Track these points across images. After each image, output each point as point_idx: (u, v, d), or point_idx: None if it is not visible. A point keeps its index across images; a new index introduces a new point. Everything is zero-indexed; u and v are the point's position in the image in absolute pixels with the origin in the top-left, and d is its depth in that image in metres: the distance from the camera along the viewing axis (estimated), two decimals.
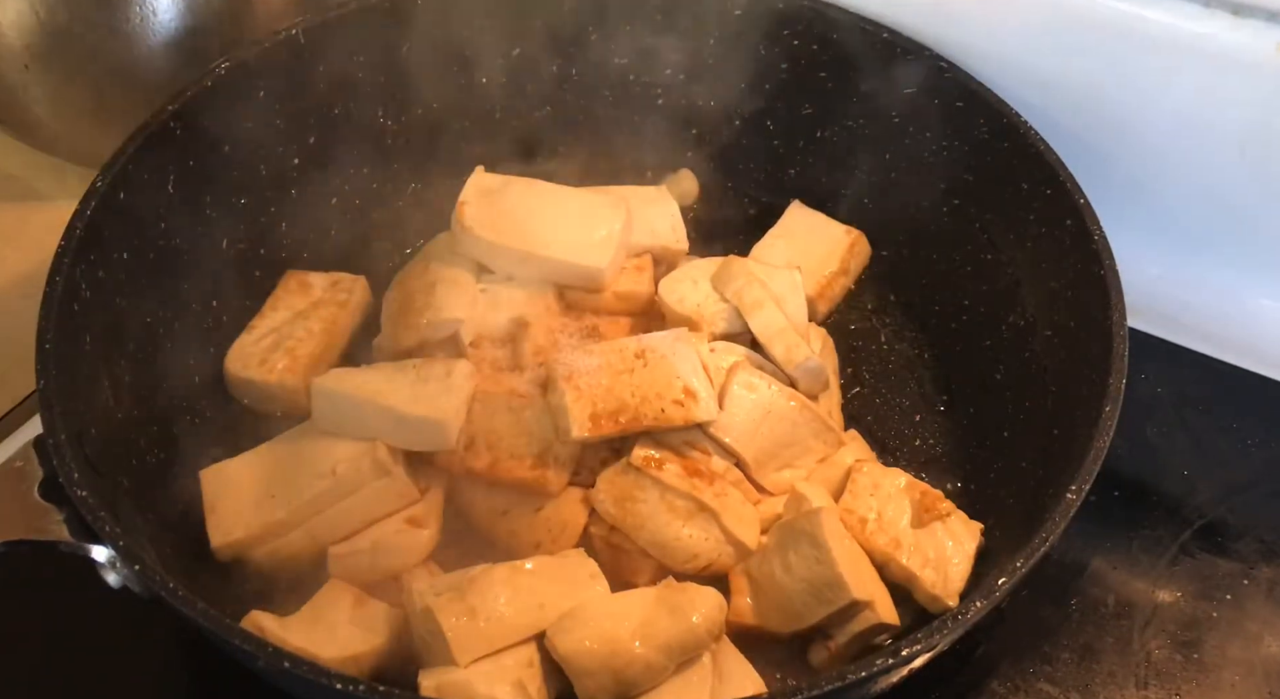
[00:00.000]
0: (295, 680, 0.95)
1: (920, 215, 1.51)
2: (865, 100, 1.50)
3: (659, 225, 1.46)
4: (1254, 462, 1.44)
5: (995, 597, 1.02)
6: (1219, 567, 1.34)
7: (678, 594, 1.12)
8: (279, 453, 1.25)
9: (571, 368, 1.23)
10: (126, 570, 1.01)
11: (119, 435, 1.18)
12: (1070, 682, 1.25)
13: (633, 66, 1.57)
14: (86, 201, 1.20)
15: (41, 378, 1.08)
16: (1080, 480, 1.09)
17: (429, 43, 1.48)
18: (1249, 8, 1.33)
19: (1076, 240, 1.28)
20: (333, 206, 1.51)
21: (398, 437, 1.22)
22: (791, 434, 1.28)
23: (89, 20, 1.47)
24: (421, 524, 1.23)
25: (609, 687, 1.09)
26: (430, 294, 1.34)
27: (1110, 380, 1.15)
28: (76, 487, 1.02)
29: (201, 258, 1.35)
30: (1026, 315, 1.37)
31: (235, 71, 1.34)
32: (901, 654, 0.98)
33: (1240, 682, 1.26)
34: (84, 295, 1.16)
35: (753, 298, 1.33)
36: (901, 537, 1.23)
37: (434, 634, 1.09)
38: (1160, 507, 1.39)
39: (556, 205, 1.37)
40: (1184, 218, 1.51)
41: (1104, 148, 1.47)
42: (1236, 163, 1.42)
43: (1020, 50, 1.44)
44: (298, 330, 1.36)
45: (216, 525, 1.21)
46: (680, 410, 1.22)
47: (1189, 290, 1.54)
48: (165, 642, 1.23)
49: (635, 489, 1.21)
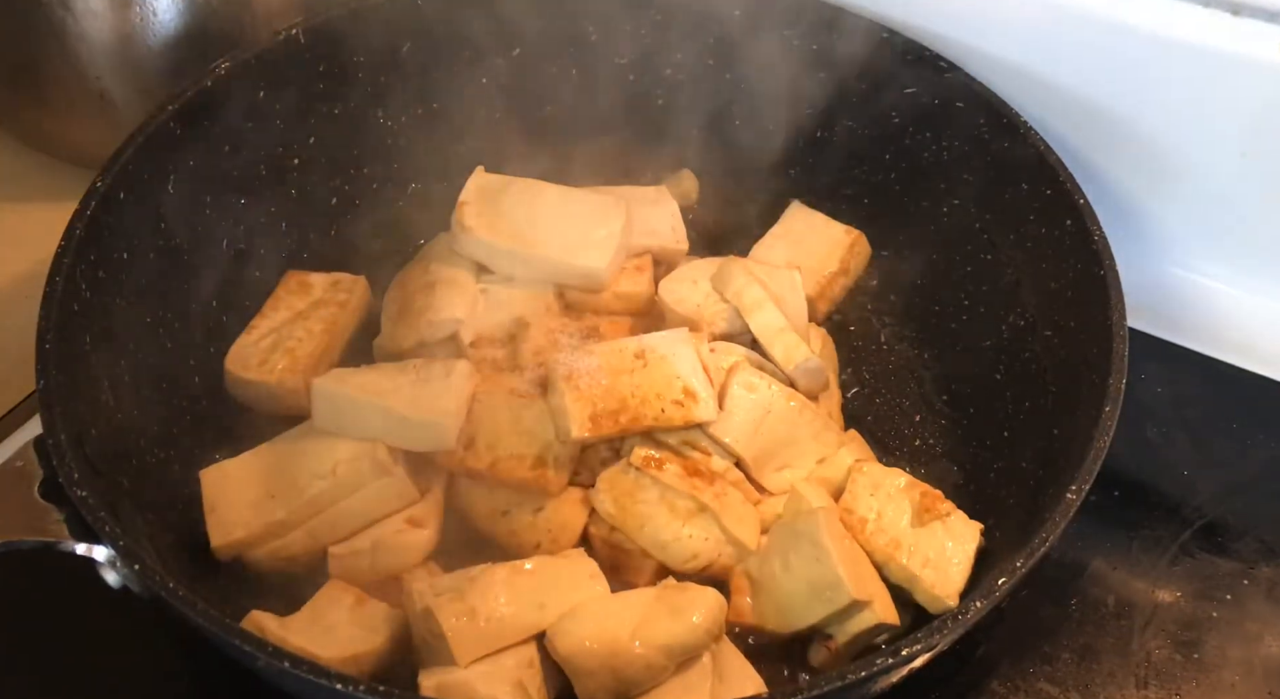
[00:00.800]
0: (295, 680, 0.95)
1: (920, 215, 1.51)
2: (865, 100, 1.50)
3: (659, 225, 1.46)
4: (1254, 462, 1.44)
5: (995, 597, 1.03)
6: (1219, 567, 1.34)
7: (678, 594, 1.12)
8: (279, 453, 1.25)
9: (571, 368, 1.23)
10: (126, 570, 1.01)
11: (119, 435, 1.18)
12: (1070, 682, 1.25)
13: (633, 66, 1.57)
14: (86, 201, 1.19)
15: (41, 378, 1.08)
16: (1080, 480, 1.09)
17: (429, 42, 1.48)
18: (1249, 8, 1.33)
19: (1076, 240, 1.28)
20: (333, 206, 1.51)
21: (398, 437, 1.22)
22: (791, 434, 1.28)
23: (89, 20, 1.47)
24: (421, 524, 1.23)
25: (609, 687, 1.09)
26: (430, 294, 1.34)
27: (1110, 380, 1.15)
28: (76, 487, 1.02)
29: (201, 258, 1.35)
30: (1026, 315, 1.37)
31: (235, 71, 1.34)
32: (901, 654, 0.98)
33: (1240, 682, 1.26)
34: (84, 295, 1.16)
35: (752, 298, 1.33)
36: (901, 537, 1.23)
37: (434, 634, 1.09)
38: (1160, 507, 1.39)
39: (556, 205, 1.38)
40: (1184, 218, 1.51)
41: (1104, 148, 1.47)
42: (1236, 163, 1.42)
43: (1021, 50, 1.44)
44: (298, 330, 1.36)
45: (216, 525, 1.21)
46: (680, 410, 1.22)
47: (1189, 290, 1.54)
48: (165, 642, 1.23)
49: (635, 489, 1.21)
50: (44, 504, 1.07)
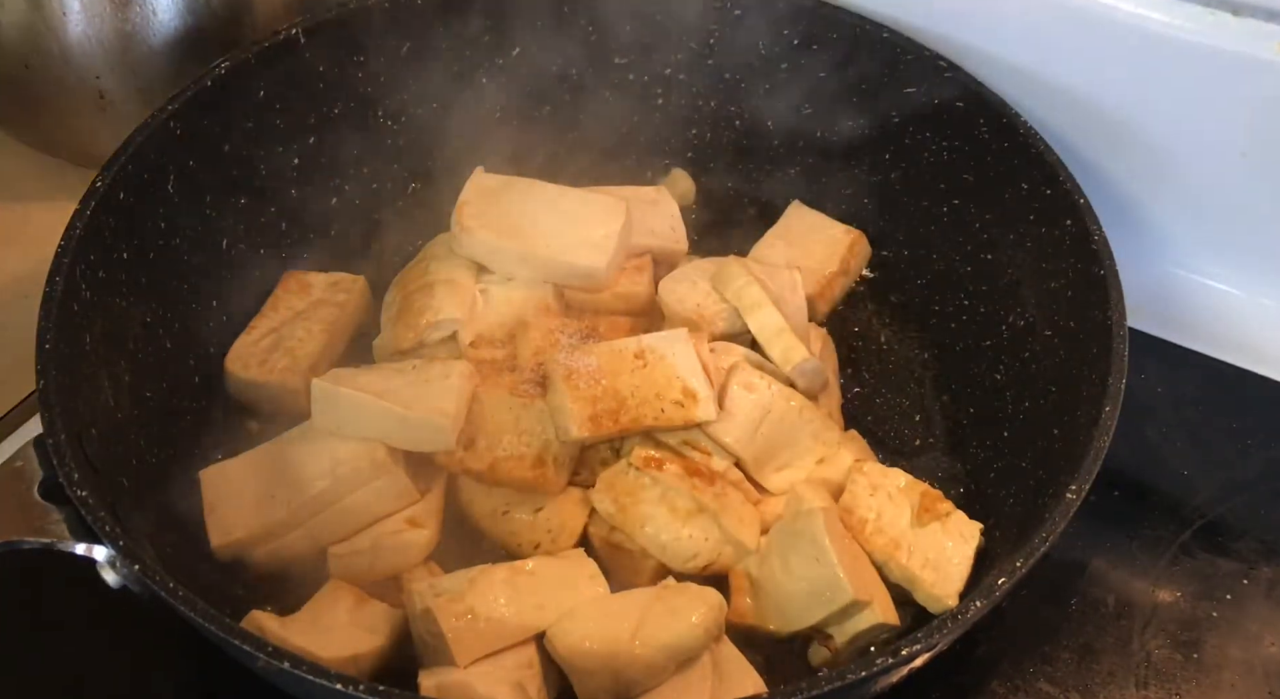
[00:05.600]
0: (295, 680, 0.95)
1: (920, 215, 1.51)
2: (865, 100, 1.50)
3: (659, 225, 1.46)
4: (1254, 462, 1.44)
5: (995, 597, 1.03)
6: (1219, 567, 1.34)
7: (678, 594, 1.12)
8: (279, 453, 1.25)
9: (571, 368, 1.23)
10: (126, 570, 1.01)
11: (119, 435, 1.18)
12: (1070, 682, 1.25)
13: (633, 66, 1.57)
14: (86, 201, 1.20)
15: (41, 378, 1.08)
16: (1080, 480, 1.09)
17: (429, 43, 1.48)
18: (1249, 8, 1.33)
19: (1076, 240, 1.28)
20: (333, 206, 1.51)
21: (397, 437, 1.22)
22: (791, 434, 1.28)
23: (89, 20, 1.47)
24: (421, 524, 1.23)
25: (609, 687, 1.09)
26: (430, 294, 1.34)
27: (1110, 380, 1.15)
28: (76, 487, 1.02)
29: (201, 258, 1.36)
30: (1026, 315, 1.37)
31: (235, 71, 1.35)
32: (901, 654, 0.98)
33: (1240, 682, 1.26)
34: (84, 295, 1.16)
35: (752, 298, 1.33)
36: (901, 537, 1.23)
37: (434, 635, 1.09)
38: (1160, 507, 1.39)
39: (556, 205, 1.37)
40: (1184, 218, 1.51)
41: (1104, 148, 1.47)
42: (1236, 163, 1.42)
43: (1020, 50, 1.44)
44: (298, 330, 1.36)
45: (216, 525, 1.21)
46: (680, 410, 1.22)
47: (1189, 290, 1.54)
48: (165, 642, 1.23)
49: (635, 489, 1.21)
50: (44, 504, 1.07)
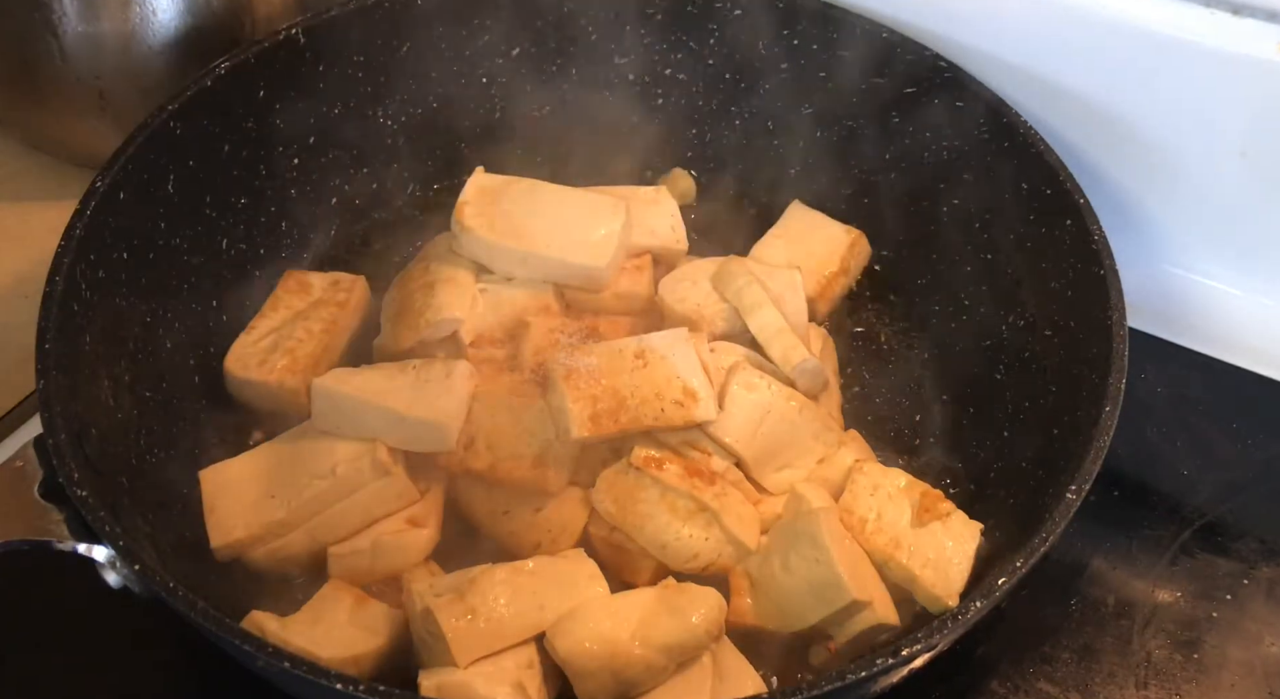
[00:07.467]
0: (295, 680, 0.95)
1: (920, 215, 1.51)
2: (865, 100, 1.50)
3: (659, 225, 1.46)
4: (1254, 462, 1.44)
5: (995, 597, 1.03)
6: (1219, 567, 1.34)
7: (678, 594, 1.12)
8: (279, 453, 1.25)
9: (571, 368, 1.23)
10: (126, 570, 1.01)
11: (119, 435, 1.18)
12: (1070, 682, 1.25)
13: (633, 66, 1.57)
14: (86, 201, 1.20)
15: (41, 378, 1.08)
16: (1080, 480, 1.09)
17: (429, 42, 1.48)
18: (1249, 8, 1.33)
19: (1076, 240, 1.28)
20: (333, 206, 1.51)
21: (398, 437, 1.22)
22: (791, 434, 1.28)
23: (89, 20, 1.47)
24: (421, 524, 1.23)
25: (609, 687, 1.09)
26: (430, 294, 1.34)
27: (1110, 380, 1.15)
28: (76, 487, 1.02)
29: (201, 258, 1.36)
30: (1026, 315, 1.37)
31: (235, 71, 1.34)
32: (901, 654, 0.98)
33: (1240, 682, 1.26)
34: (84, 295, 1.16)
35: (752, 298, 1.33)
36: (901, 537, 1.23)
37: (434, 635, 1.09)
38: (1160, 507, 1.39)
39: (556, 205, 1.37)
40: (1184, 218, 1.51)
41: (1104, 148, 1.47)
42: (1236, 163, 1.42)
43: (1020, 50, 1.44)
44: (298, 330, 1.36)
45: (216, 525, 1.21)
46: (680, 410, 1.22)
47: (1189, 290, 1.54)
48: (165, 642, 1.23)
49: (635, 489, 1.21)
50: (44, 504, 1.07)
